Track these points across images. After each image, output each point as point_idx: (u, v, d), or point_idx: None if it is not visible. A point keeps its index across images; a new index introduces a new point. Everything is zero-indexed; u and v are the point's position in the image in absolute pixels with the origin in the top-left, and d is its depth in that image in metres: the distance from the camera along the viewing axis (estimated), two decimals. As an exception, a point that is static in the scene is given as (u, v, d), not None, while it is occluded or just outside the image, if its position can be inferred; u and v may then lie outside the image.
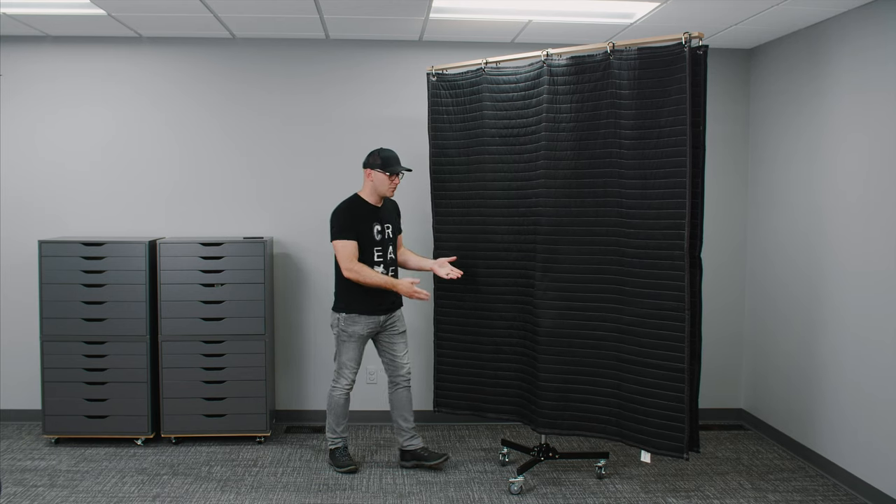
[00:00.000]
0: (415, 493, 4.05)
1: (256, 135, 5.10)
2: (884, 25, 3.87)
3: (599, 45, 3.93)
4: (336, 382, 4.31)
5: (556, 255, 4.06)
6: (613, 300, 3.93)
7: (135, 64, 5.05)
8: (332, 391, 4.32)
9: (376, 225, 4.24)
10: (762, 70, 5.04)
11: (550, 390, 4.08)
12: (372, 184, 4.22)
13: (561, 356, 4.06)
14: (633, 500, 3.98)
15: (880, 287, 3.88)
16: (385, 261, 4.26)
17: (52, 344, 4.65)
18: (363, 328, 4.22)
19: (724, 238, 5.25)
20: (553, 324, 4.06)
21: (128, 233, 5.05)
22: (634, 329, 3.85)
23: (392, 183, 4.22)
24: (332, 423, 4.35)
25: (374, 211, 4.26)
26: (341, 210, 4.22)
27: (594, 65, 3.91)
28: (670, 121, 3.65)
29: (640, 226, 3.80)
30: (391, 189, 4.23)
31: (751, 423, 5.18)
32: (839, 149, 4.23)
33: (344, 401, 4.31)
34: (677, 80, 3.61)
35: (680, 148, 3.62)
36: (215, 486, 4.12)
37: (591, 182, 3.94)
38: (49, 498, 3.94)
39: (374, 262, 4.21)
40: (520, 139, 4.19)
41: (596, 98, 3.90)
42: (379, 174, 4.18)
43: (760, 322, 5.07)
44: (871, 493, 3.94)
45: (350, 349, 4.25)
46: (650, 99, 3.71)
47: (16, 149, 5.03)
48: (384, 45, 5.09)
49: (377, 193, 4.24)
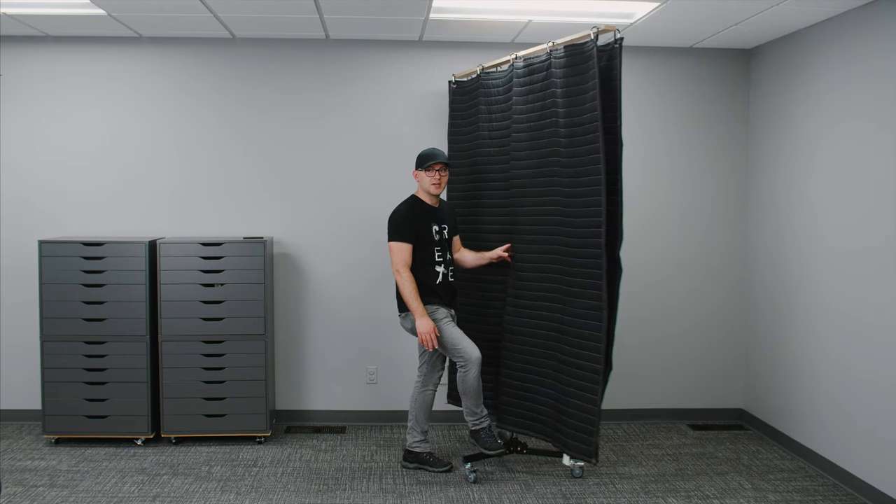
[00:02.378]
0: (415, 493, 4.05)
1: (256, 135, 5.10)
2: (884, 25, 3.87)
3: (543, 47, 4.05)
4: (464, 367, 4.07)
5: (518, 255, 4.30)
6: (556, 299, 4.07)
7: (135, 64, 5.04)
8: (464, 374, 4.07)
9: (434, 225, 4.22)
10: (762, 70, 5.04)
11: (508, 386, 4.36)
12: (419, 184, 4.26)
13: (518, 353, 4.30)
14: (632, 500, 3.98)
15: (880, 287, 3.88)
16: (444, 260, 4.23)
17: (52, 344, 4.65)
18: (444, 313, 4.18)
19: (724, 238, 5.25)
20: (512, 321, 4.31)
21: (128, 233, 5.05)
22: (567, 329, 3.99)
23: (432, 178, 4.17)
24: (472, 405, 4.15)
25: (432, 211, 4.25)
26: (400, 212, 4.21)
27: (539, 65, 4.08)
28: (587, 118, 3.77)
29: (572, 224, 3.92)
30: (434, 184, 4.18)
31: (751, 423, 5.18)
32: (839, 149, 4.23)
33: (477, 380, 4.08)
34: (592, 77, 3.73)
35: (594, 145, 3.73)
36: (215, 486, 4.12)
37: (540, 181, 4.11)
38: (49, 498, 3.94)
39: (435, 262, 4.19)
40: (499, 141, 4.42)
41: (542, 98, 4.07)
42: (420, 172, 4.21)
43: (760, 322, 5.07)
44: (871, 493, 3.94)
45: (450, 330, 4.14)
46: (575, 97, 3.85)
47: (16, 149, 5.03)
48: (384, 45, 5.09)
49: (425, 192, 4.23)
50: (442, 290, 4.20)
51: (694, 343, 5.29)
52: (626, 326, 5.19)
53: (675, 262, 5.25)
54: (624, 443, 4.86)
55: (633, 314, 5.21)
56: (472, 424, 4.20)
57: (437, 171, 4.18)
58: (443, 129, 5.02)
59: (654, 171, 5.20)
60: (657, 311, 5.26)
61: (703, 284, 5.28)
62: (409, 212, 4.19)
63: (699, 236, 5.25)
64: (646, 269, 5.22)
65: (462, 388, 4.15)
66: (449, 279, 4.25)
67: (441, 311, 4.18)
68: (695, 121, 5.21)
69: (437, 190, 4.21)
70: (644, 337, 5.26)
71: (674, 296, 5.26)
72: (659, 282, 5.25)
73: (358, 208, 5.14)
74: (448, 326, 4.16)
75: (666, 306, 5.26)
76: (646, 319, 5.25)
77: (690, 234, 5.24)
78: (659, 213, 5.22)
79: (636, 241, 5.19)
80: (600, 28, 3.72)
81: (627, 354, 5.18)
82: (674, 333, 5.28)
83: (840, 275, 4.21)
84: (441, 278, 4.19)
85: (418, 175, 4.24)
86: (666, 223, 5.23)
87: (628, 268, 5.19)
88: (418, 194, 4.28)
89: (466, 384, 4.11)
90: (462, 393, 4.16)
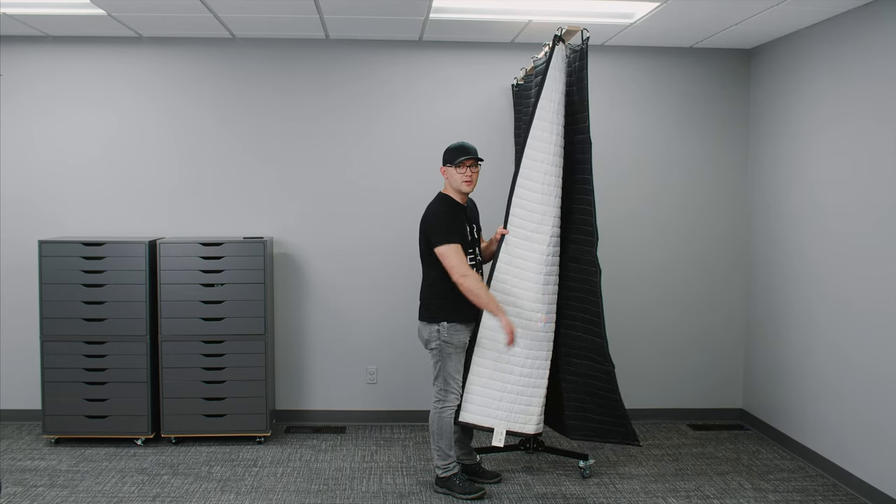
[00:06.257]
0: (415, 494, 4.05)
1: (256, 135, 5.10)
2: (883, 25, 3.87)
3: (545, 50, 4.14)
4: (444, 402, 3.91)
5: None
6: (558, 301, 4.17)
7: (135, 64, 5.04)
8: (441, 412, 3.90)
9: (467, 225, 3.96)
10: (762, 70, 5.04)
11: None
12: (448, 181, 3.95)
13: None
14: (632, 500, 3.98)
15: (881, 287, 3.88)
16: (476, 263, 3.97)
17: (52, 344, 4.65)
18: (466, 335, 3.93)
19: (724, 238, 5.25)
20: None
21: (128, 233, 5.05)
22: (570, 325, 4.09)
23: (463, 175, 3.86)
24: (444, 447, 3.93)
25: (464, 210, 3.97)
26: (442, 212, 3.88)
27: (540, 67, 4.14)
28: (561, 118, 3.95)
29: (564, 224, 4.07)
30: (464, 181, 3.87)
31: (751, 423, 5.18)
32: (839, 149, 4.23)
33: (452, 421, 3.92)
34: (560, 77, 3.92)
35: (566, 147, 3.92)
36: (215, 486, 4.12)
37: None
38: (49, 498, 3.94)
39: (469, 265, 3.88)
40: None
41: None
42: (449, 169, 3.89)
43: (760, 322, 5.07)
44: (871, 493, 3.94)
45: (457, 361, 3.91)
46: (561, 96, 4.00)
47: (16, 149, 5.03)
48: (384, 45, 5.09)
49: (455, 190, 3.92)
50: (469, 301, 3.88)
51: (694, 343, 5.29)
52: (627, 326, 5.20)
53: (676, 261, 5.25)
54: (624, 443, 4.87)
55: (634, 314, 5.22)
56: (443, 471, 3.96)
57: (469, 167, 3.87)
58: (444, 129, 5.02)
59: (653, 172, 5.20)
60: (657, 311, 5.26)
61: (704, 284, 5.27)
62: (450, 212, 3.89)
63: (699, 237, 5.25)
64: (646, 270, 5.22)
65: (437, 427, 3.93)
66: None
67: (461, 338, 3.91)
68: (695, 121, 5.21)
69: (468, 188, 3.89)
70: (644, 337, 5.27)
71: (674, 296, 5.26)
72: (659, 282, 5.25)
73: (358, 208, 5.14)
74: (458, 356, 3.92)
75: (666, 307, 5.26)
76: (646, 320, 5.25)
77: (690, 235, 5.24)
78: (658, 213, 5.23)
79: (637, 241, 5.21)
80: (564, 29, 3.83)
81: (628, 354, 5.18)
82: (674, 334, 5.28)
83: (841, 274, 4.21)
84: None
85: (447, 171, 3.90)
86: (665, 224, 5.23)
87: (633, 269, 5.23)
88: (446, 192, 3.95)
89: (442, 422, 3.91)
90: (436, 433, 3.94)
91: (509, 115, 5.10)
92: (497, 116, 5.12)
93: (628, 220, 5.20)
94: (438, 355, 3.92)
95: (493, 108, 5.12)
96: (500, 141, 5.09)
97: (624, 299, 5.19)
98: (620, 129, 5.16)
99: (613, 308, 5.12)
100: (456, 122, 5.08)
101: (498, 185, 4.98)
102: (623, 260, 5.17)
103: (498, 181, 4.86)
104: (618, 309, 5.13)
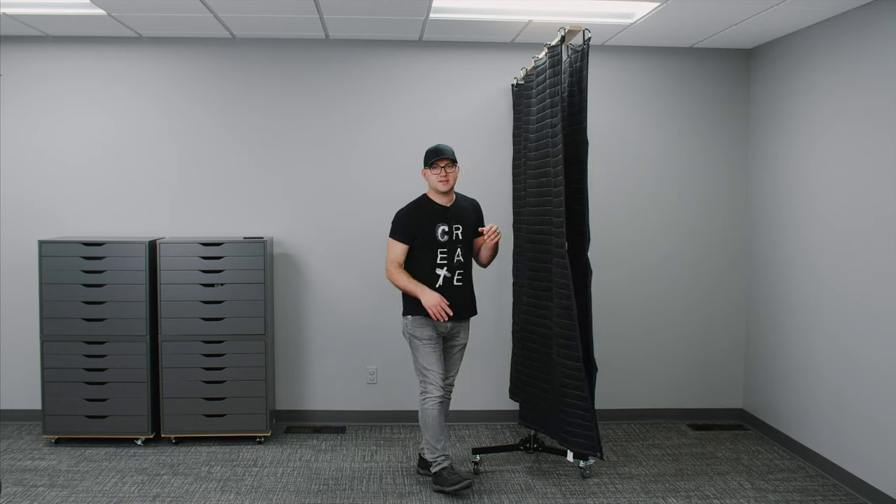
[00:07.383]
0: (415, 493, 4.05)
1: (256, 135, 5.10)
2: (883, 25, 3.87)
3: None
4: (425, 393, 3.99)
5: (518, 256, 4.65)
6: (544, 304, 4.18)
7: (135, 64, 5.04)
8: (422, 404, 4.00)
9: (442, 225, 4.01)
10: (762, 70, 5.04)
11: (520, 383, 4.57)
12: (428, 183, 4.07)
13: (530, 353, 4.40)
14: (632, 500, 3.98)
15: (882, 287, 3.88)
16: (450, 263, 4.02)
17: (52, 344, 4.65)
18: (431, 330, 4.01)
19: (724, 238, 5.25)
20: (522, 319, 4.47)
21: (128, 233, 5.05)
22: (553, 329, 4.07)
23: (438, 175, 3.97)
24: (431, 440, 4.00)
25: (442, 211, 4.04)
26: (402, 211, 4.09)
27: (542, 68, 4.16)
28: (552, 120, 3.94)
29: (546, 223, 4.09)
30: (440, 181, 3.98)
31: (751, 423, 5.18)
32: (839, 149, 4.23)
33: (437, 412, 3.97)
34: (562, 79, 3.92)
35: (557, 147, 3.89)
36: (215, 486, 4.12)
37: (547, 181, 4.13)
38: (49, 498, 3.95)
39: (436, 265, 3.99)
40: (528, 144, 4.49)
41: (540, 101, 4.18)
42: (427, 171, 4.03)
43: (761, 322, 5.07)
44: (871, 493, 3.94)
45: (426, 353, 4.00)
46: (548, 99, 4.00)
47: (16, 149, 5.03)
48: (384, 45, 5.09)
49: (433, 190, 4.05)
50: (446, 297, 3.95)
51: (694, 343, 5.29)
52: (626, 326, 5.20)
53: (675, 261, 5.25)
54: (624, 443, 4.86)
55: (634, 314, 5.22)
56: (434, 465, 4.00)
57: (443, 167, 3.98)
58: (444, 129, 5.02)
59: (653, 172, 5.20)
60: (657, 311, 5.26)
61: (704, 284, 5.27)
62: (412, 212, 4.06)
63: (699, 236, 5.25)
64: (646, 269, 5.22)
65: (421, 420, 4.02)
66: (454, 283, 4.02)
67: (426, 331, 3.99)
68: (695, 121, 5.21)
69: (444, 187, 3.99)
70: (644, 337, 5.26)
71: (673, 296, 5.26)
72: (659, 282, 5.25)
73: (357, 208, 5.14)
74: (426, 349, 3.99)
75: (666, 307, 5.26)
76: (646, 319, 5.25)
77: (690, 235, 5.24)
78: (658, 213, 5.23)
79: (638, 241, 5.21)
80: (567, 29, 3.81)
81: (627, 354, 5.18)
82: (674, 334, 5.28)
83: (841, 274, 4.21)
84: (442, 282, 3.99)
85: (426, 174, 4.05)
86: (665, 224, 5.23)
87: (635, 269, 5.23)
88: (429, 193, 4.10)
89: (425, 415, 3.98)
90: (421, 425, 4.03)
91: (509, 116, 5.10)
92: (497, 116, 5.12)
93: (628, 219, 5.20)
94: (410, 348, 4.11)
95: (493, 109, 5.12)
96: (500, 141, 5.10)
97: (624, 299, 5.19)
98: (620, 128, 5.16)
99: (613, 307, 5.14)
100: (456, 123, 5.08)
101: (498, 185, 5.00)
102: (623, 259, 5.18)
103: (498, 181, 4.86)
104: (618, 308, 5.13)
